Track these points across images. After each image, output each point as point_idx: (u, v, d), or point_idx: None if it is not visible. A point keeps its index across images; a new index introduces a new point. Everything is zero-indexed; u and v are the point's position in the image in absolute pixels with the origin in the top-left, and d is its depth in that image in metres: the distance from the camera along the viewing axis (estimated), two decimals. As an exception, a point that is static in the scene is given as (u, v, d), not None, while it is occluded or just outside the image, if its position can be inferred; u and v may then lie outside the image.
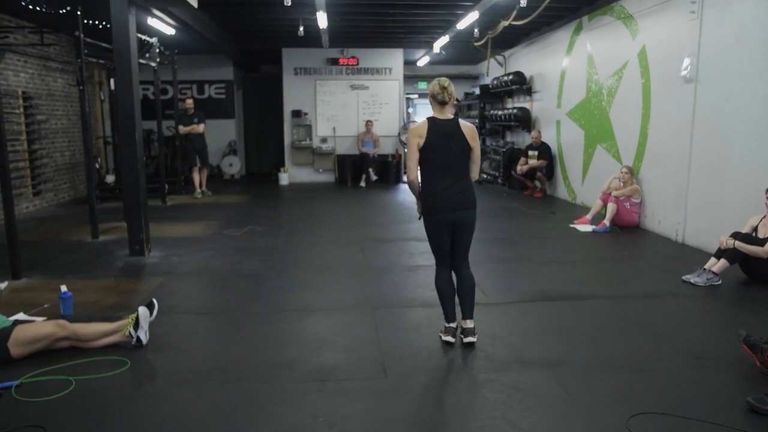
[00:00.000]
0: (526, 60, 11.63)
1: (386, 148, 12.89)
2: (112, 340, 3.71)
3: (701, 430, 2.71)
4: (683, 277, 5.10)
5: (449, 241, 3.75)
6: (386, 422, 2.81)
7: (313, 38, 10.91)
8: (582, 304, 4.55)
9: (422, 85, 15.94)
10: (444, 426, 2.81)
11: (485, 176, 12.57)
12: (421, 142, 3.61)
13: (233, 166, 13.32)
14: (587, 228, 7.36)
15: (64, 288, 4.30)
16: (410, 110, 29.08)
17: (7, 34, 8.16)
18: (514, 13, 8.74)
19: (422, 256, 5.85)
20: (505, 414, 2.86)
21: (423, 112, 24.13)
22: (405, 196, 10.56)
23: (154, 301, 3.87)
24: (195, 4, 5.86)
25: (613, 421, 2.76)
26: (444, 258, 3.80)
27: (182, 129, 10.54)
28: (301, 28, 9.70)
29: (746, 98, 5.55)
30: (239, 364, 3.49)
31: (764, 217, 5.04)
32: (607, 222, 7.24)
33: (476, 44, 11.40)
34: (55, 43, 9.35)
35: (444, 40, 11.26)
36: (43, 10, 7.05)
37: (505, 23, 9.43)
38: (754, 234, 5.07)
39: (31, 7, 6.92)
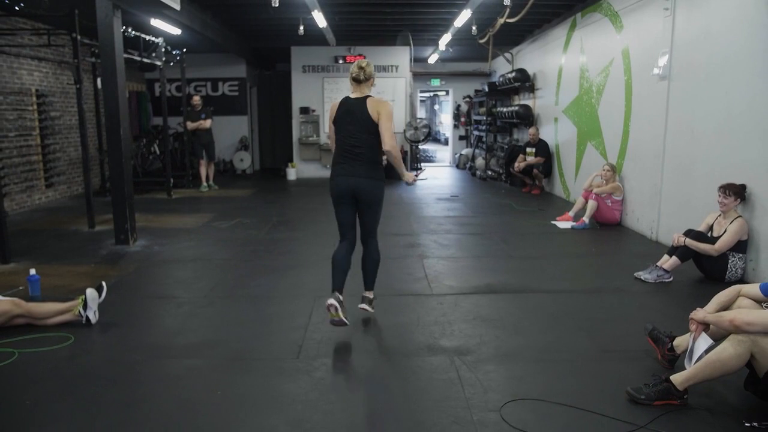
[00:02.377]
0: (530, 57, 11.65)
1: (393, 144, 13.04)
2: (64, 318, 4.03)
3: (572, 415, 2.84)
4: (635, 274, 5.16)
5: (350, 213, 4.03)
6: (280, 396, 3.03)
7: (321, 36, 11.18)
8: (522, 297, 4.67)
9: (435, 83, 16.04)
10: (330, 402, 3.01)
11: (490, 173, 12.63)
12: (333, 116, 4.03)
13: (244, 162, 13.72)
14: (567, 225, 7.41)
15: (33, 271, 4.66)
16: (436, 107, 29.15)
17: (22, 35, 8.67)
18: (507, 10, 8.81)
19: (395, 250, 6.04)
20: (388, 396, 3.04)
21: (446, 109, 24.21)
22: (402, 191, 10.73)
23: (103, 283, 4.19)
24: (177, 7, 6.15)
25: (491, 406, 2.91)
26: (342, 231, 4.08)
27: (190, 125, 10.95)
28: (301, 28, 9.97)
29: (712, 97, 5.54)
30: (172, 343, 3.77)
31: (719, 215, 5.06)
32: (586, 219, 7.28)
33: (480, 41, 11.50)
34: (69, 43, 9.83)
35: (447, 37, 11.37)
36: (46, 14, 7.50)
37: (501, 21, 9.50)
38: (709, 232, 5.09)
39: (30, 10, 7.39)
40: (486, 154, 13.20)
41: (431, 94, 25.38)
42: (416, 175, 4.35)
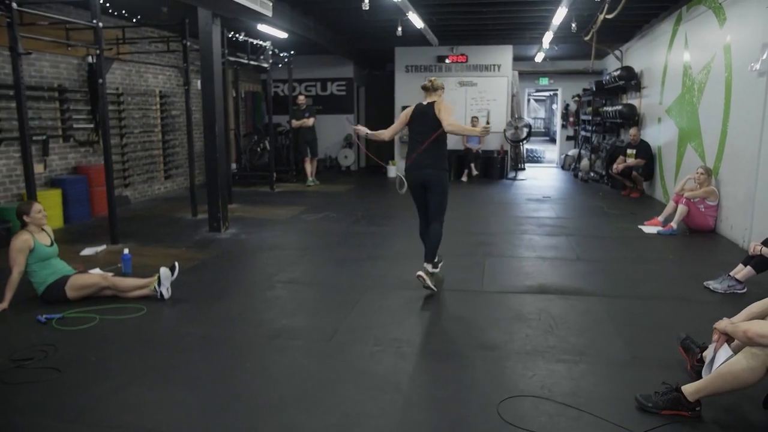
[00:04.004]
0: (638, 54, 11.07)
1: (492, 144, 12.98)
2: (143, 293, 4.60)
3: (571, 415, 2.84)
4: (704, 283, 4.86)
5: (422, 199, 4.81)
6: (301, 371, 3.31)
7: (423, 37, 11.39)
8: (571, 300, 4.59)
9: (543, 81, 15.66)
10: (332, 382, 3.23)
11: (593, 174, 12.16)
12: (407, 118, 4.81)
13: (348, 158, 14.28)
14: (653, 230, 7.05)
15: (126, 251, 5.34)
16: (554, 106, 28.16)
17: (149, 42, 9.74)
18: (606, 6, 8.48)
19: (463, 247, 6.13)
20: (397, 385, 3.21)
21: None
22: (494, 192, 10.67)
23: (176, 264, 4.72)
24: (269, 13, 6.64)
25: (492, 401, 2.99)
26: (419, 213, 4.93)
27: (294, 123, 11.65)
28: (400, 29, 10.24)
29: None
30: (223, 318, 4.19)
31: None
32: (674, 224, 6.88)
33: (585, 39, 11.11)
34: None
35: (549, 35, 11.11)
36: (165, 23, 8.41)
37: (601, 17, 9.15)
38: (794, 242, 4.68)
39: (149, 21, 8.32)
40: (591, 155, 12.72)
41: (550, 93, 24.68)
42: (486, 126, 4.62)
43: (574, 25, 9.76)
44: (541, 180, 12.80)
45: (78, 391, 3.10)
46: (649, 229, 7.13)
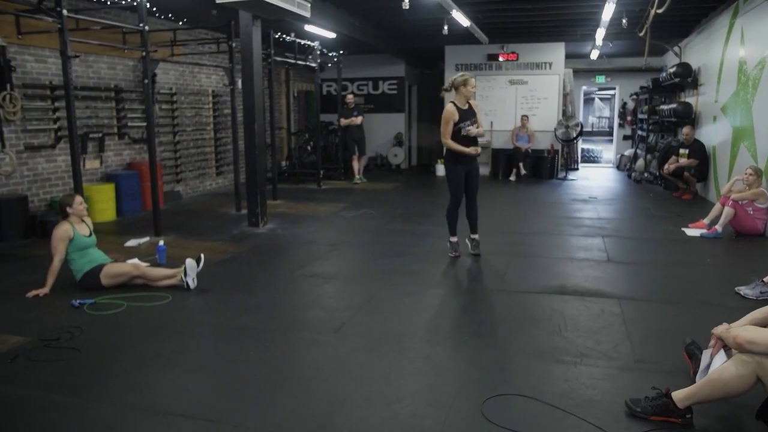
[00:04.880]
0: (696, 50, 10.60)
1: (542, 143, 12.74)
2: (171, 282, 4.85)
3: (556, 416, 2.82)
4: (736, 288, 4.65)
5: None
6: (301, 361, 3.43)
7: (471, 35, 11.32)
8: (587, 301, 4.49)
9: (600, 79, 15.21)
10: (326, 372, 3.32)
11: (646, 175, 11.74)
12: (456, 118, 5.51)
13: (398, 157, 14.37)
14: (696, 232, 6.77)
15: (161, 243, 5.64)
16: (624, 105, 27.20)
17: (202, 43, 10.15)
18: (656, 0, 8.18)
19: (491, 246, 6.10)
20: (388, 377, 3.27)
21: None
22: (540, 192, 10.47)
23: (202, 256, 4.94)
24: (307, 14, 6.81)
25: (479, 398, 3.00)
26: (460, 196, 5.75)
27: (343, 121, 11.84)
28: (446, 28, 10.21)
29: None
30: (242, 309, 4.36)
31: None
32: (719, 227, 6.58)
33: (640, 35, 10.74)
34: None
35: (601, 32, 10.80)
36: (214, 25, 8.77)
37: (652, 12, 8.82)
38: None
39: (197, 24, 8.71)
40: (646, 156, 12.27)
41: (613, 92, 23.89)
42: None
43: (624, 20, 9.47)
44: (593, 180, 12.46)
45: (91, 370, 3.33)
46: (692, 231, 6.85)
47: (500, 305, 4.49)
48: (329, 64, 11.73)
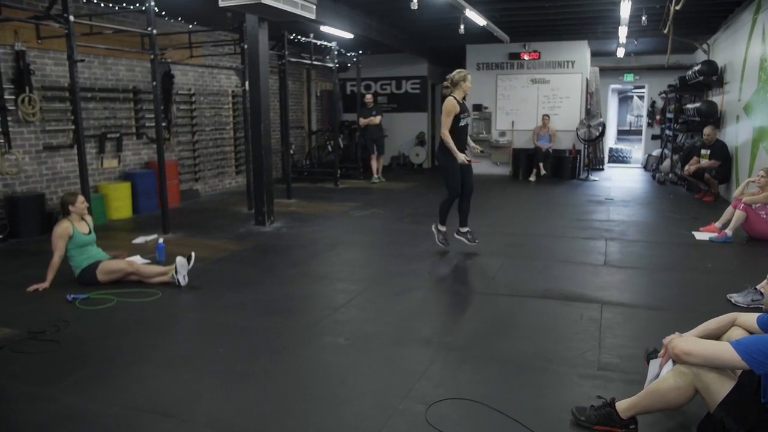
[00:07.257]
0: (722, 47, 10.27)
1: (563, 143, 12.55)
2: (163, 279, 5.01)
3: (498, 422, 2.82)
4: (727, 295, 4.52)
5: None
6: (269, 357, 3.51)
7: (491, 34, 11.22)
8: (566, 305, 4.43)
9: (628, 78, 14.87)
10: (289, 370, 3.39)
11: (671, 176, 11.43)
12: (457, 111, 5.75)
13: (419, 156, 14.36)
14: (705, 236, 6.58)
15: (161, 240, 5.81)
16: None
17: (222, 45, 10.38)
18: (673, -5, 7.98)
19: (487, 247, 6.08)
20: (345, 378, 3.32)
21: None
22: (558, 194, 10.32)
23: (192, 253, 5.08)
24: (312, 16, 6.89)
25: (428, 400, 3.02)
26: (458, 189, 5.96)
27: (362, 121, 11.92)
28: (462, 27, 10.15)
29: None
30: (229, 306, 4.48)
31: None
32: (729, 231, 6.38)
33: (664, 32, 10.46)
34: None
35: (624, 29, 10.56)
36: (224, 27, 8.99)
37: (672, 8, 8.60)
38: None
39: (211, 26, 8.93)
40: (673, 156, 11.95)
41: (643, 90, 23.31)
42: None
43: (644, 18, 9.25)
44: (616, 181, 12.20)
45: (65, 362, 3.49)
46: (701, 235, 6.66)
47: (479, 308, 4.48)
48: (348, 65, 11.81)
